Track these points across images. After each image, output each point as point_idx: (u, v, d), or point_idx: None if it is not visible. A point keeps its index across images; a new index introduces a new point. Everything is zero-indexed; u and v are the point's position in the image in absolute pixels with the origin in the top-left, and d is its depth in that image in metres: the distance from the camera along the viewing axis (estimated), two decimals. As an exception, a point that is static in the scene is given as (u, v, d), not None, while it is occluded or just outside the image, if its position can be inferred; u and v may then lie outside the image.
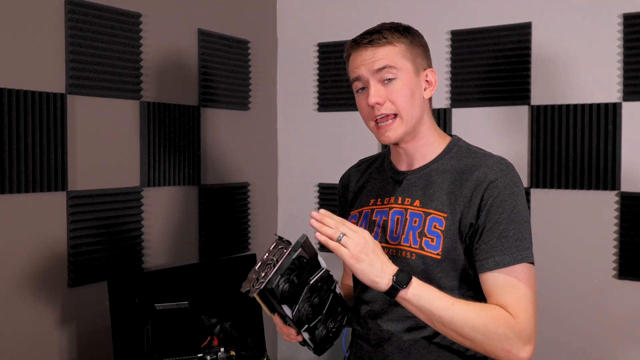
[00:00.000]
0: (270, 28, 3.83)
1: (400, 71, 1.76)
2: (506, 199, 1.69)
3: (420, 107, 1.80)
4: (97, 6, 2.77)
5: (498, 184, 1.70)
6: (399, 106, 1.76)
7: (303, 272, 1.61)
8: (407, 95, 1.77)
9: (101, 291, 2.72)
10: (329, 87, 3.69)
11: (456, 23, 3.29)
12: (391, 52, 1.77)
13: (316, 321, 1.69)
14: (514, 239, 1.67)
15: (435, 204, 1.77)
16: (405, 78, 1.77)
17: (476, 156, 1.81)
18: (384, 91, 1.76)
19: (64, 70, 2.66)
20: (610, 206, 2.95)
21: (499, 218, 1.68)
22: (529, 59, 3.10)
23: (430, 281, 1.73)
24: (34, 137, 2.55)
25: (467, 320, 1.61)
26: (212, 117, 3.38)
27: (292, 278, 1.58)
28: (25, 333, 2.56)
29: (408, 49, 1.79)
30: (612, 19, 2.93)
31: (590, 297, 2.99)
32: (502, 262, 1.66)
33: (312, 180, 3.76)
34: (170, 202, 3.16)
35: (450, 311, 1.61)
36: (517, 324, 1.62)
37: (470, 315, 1.61)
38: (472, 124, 3.25)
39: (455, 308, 1.61)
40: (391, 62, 1.76)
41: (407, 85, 1.77)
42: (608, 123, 2.94)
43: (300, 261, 1.59)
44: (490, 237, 1.68)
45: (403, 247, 1.78)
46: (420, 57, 1.82)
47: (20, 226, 2.53)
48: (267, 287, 1.54)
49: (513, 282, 1.66)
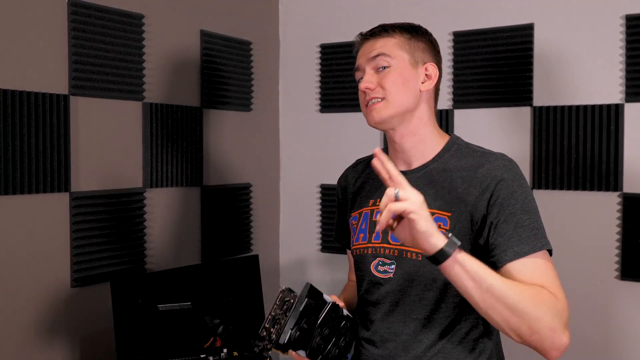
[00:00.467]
0: (272, 29, 3.83)
1: (394, 59, 1.81)
2: (516, 190, 1.69)
3: (413, 97, 1.82)
4: (100, 7, 2.77)
5: (506, 177, 1.71)
6: (387, 90, 1.80)
7: (311, 317, 1.62)
8: (397, 82, 1.80)
9: (104, 292, 2.72)
10: (331, 88, 3.69)
11: (458, 24, 3.29)
12: (388, 42, 1.83)
13: (329, 347, 1.71)
14: (530, 227, 1.66)
15: (438, 203, 1.76)
16: (399, 67, 1.81)
17: (477, 154, 1.81)
18: (376, 78, 1.81)
19: (67, 71, 2.67)
20: (612, 207, 2.95)
21: (512, 210, 1.67)
22: (532, 60, 3.10)
23: (438, 281, 1.73)
24: (37, 138, 2.56)
25: (518, 292, 1.54)
26: (215, 118, 3.38)
27: (302, 325, 1.59)
28: (28, 334, 2.56)
29: (407, 41, 1.84)
30: (614, 20, 2.93)
31: (593, 298, 2.99)
32: (522, 251, 1.63)
33: (314, 181, 3.77)
34: (173, 203, 3.16)
35: (502, 280, 1.54)
36: (558, 301, 1.58)
37: (519, 287, 1.56)
38: (474, 125, 3.25)
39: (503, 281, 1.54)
40: (385, 51, 1.81)
41: (400, 74, 1.80)
42: (610, 124, 2.94)
43: (308, 308, 1.60)
44: (506, 229, 1.66)
45: (407, 247, 1.77)
46: (422, 51, 1.85)
47: (23, 227, 2.54)
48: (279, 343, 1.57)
49: (540, 267, 1.63)
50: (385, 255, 1.82)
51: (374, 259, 1.85)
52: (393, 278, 1.80)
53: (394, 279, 1.80)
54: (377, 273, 1.84)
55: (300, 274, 3.76)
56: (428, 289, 1.75)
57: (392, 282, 1.80)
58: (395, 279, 1.80)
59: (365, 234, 1.89)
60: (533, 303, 1.53)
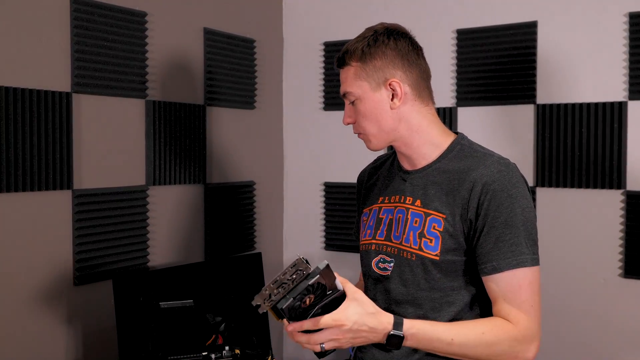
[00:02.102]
0: (276, 27, 3.83)
1: (356, 92, 1.81)
2: (503, 202, 1.68)
3: (389, 120, 1.81)
4: (103, 5, 2.77)
5: (495, 187, 1.69)
6: (362, 128, 1.85)
7: (317, 297, 1.60)
8: (367, 115, 1.82)
9: (106, 290, 2.73)
10: (334, 86, 3.68)
11: (461, 22, 3.29)
12: (348, 74, 1.82)
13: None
14: (510, 243, 1.66)
15: (435, 204, 1.77)
16: (364, 99, 1.81)
17: (476, 156, 1.79)
18: (353, 112, 1.85)
19: (70, 68, 2.67)
20: (615, 205, 2.95)
21: (495, 222, 1.67)
22: (535, 58, 3.10)
23: (431, 282, 1.74)
24: (40, 136, 2.56)
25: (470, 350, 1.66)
26: (218, 116, 3.38)
27: (305, 300, 1.58)
28: (30, 331, 2.56)
29: (361, 67, 1.80)
30: (618, 17, 2.93)
31: (596, 296, 2.99)
32: (499, 267, 1.67)
33: (317, 179, 3.77)
34: (176, 200, 3.16)
35: (450, 348, 1.66)
36: (519, 331, 1.66)
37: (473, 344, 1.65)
38: (477, 123, 3.24)
39: (455, 344, 1.65)
40: (348, 88, 1.83)
41: (366, 106, 1.81)
42: (614, 122, 2.93)
43: (317, 286, 1.58)
44: (488, 241, 1.68)
45: (404, 247, 1.79)
46: (379, 69, 1.79)
47: (26, 225, 2.54)
48: (278, 306, 1.57)
49: (513, 288, 1.67)
50: (386, 253, 1.84)
51: (376, 255, 1.87)
52: (391, 276, 1.81)
53: (391, 276, 1.81)
54: (377, 270, 1.85)
55: (304, 272, 3.75)
56: (422, 288, 1.76)
57: (389, 280, 1.82)
58: (392, 276, 1.81)
59: (371, 230, 1.91)
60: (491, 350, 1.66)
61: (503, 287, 1.67)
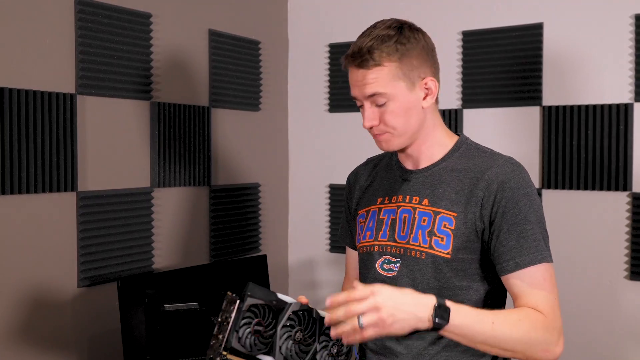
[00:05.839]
0: (281, 28, 3.83)
1: (391, 93, 1.72)
2: (521, 199, 1.69)
3: (417, 119, 1.77)
4: (107, 6, 2.77)
5: (512, 185, 1.70)
6: (390, 126, 1.75)
7: (266, 318, 1.52)
8: (400, 115, 1.74)
9: (111, 292, 2.73)
10: (340, 87, 3.68)
11: (468, 23, 3.28)
12: (380, 74, 1.71)
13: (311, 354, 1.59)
14: (532, 239, 1.67)
15: (444, 203, 1.76)
16: (398, 99, 1.73)
17: (485, 155, 1.80)
18: (377, 113, 1.74)
19: (74, 70, 2.67)
20: (621, 207, 2.93)
21: (515, 219, 1.67)
22: (541, 60, 3.09)
23: (441, 280, 1.73)
24: (44, 138, 2.56)
25: (509, 336, 1.60)
26: (223, 118, 3.38)
27: (255, 328, 1.50)
28: (34, 333, 2.56)
29: (399, 66, 1.72)
30: (624, 19, 2.92)
31: (602, 298, 2.98)
32: (523, 263, 1.65)
33: (323, 181, 3.76)
34: (181, 202, 3.16)
35: (493, 332, 1.58)
36: (550, 321, 1.64)
37: (511, 330, 1.60)
38: (483, 125, 3.24)
39: (496, 328, 1.58)
40: (380, 89, 1.71)
41: (401, 106, 1.73)
42: (620, 124, 2.92)
43: (257, 309, 1.51)
44: (509, 239, 1.67)
45: (412, 246, 1.77)
46: (416, 68, 1.74)
47: (30, 226, 2.54)
48: (226, 347, 1.47)
49: (538, 282, 1.66)
50: (391, 254, 1.82)
51: (380, 256, 1.85)
52: (397, 276, 1.80)
53: (398, 277, 1.79)
54: (382, 271, 1.83)
55: (309, 274, 3.75)
56: (431, 287, 1.75)
57: (396, 281, 1.79)
58: (399, 277, 1.79)
59: (372, 231, 1.88)
60: (528, 338, 1.61)
61: (528, 281, 1.66)
